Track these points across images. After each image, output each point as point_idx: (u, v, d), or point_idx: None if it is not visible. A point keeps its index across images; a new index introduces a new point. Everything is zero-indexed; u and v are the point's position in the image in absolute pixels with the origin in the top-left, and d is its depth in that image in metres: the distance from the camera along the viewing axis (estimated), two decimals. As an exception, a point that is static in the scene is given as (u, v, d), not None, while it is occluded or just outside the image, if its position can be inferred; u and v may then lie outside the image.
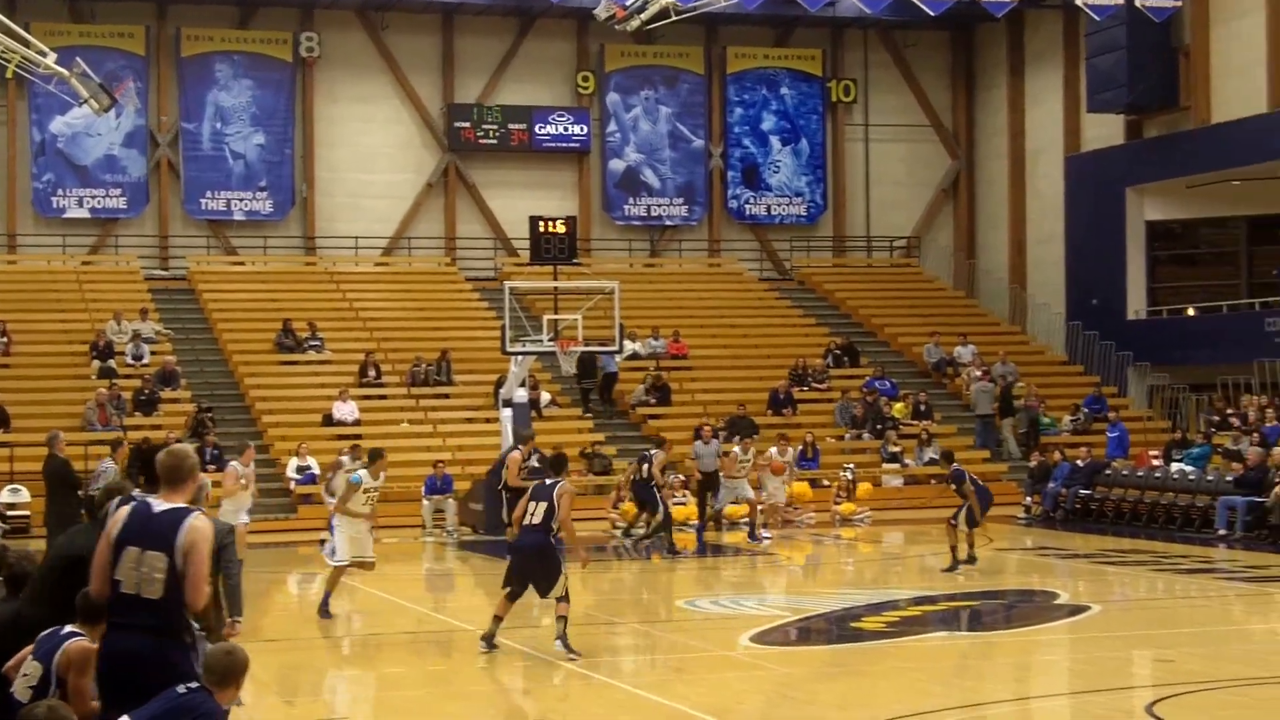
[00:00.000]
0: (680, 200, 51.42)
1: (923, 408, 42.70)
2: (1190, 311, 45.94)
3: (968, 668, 18.04)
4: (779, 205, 52.23)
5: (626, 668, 18.42)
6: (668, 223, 51.42)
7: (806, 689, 16.27)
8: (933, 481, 40.20)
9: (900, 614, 21.78)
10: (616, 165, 50.94)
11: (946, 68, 53.44)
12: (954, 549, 25.99)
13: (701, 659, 18.62)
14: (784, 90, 52.34)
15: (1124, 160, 46.25)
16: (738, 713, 15.28)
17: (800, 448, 39.51)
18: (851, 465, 38.58)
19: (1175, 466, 35.52)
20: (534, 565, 17.95)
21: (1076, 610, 22.21)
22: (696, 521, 34.23)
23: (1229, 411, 37.52)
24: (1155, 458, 36.91)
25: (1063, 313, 48.15)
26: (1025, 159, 50.97)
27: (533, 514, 17.98)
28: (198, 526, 9.38)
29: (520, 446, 29.29)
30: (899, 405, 42.87)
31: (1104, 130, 47.05)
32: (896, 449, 40.84)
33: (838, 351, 45.79)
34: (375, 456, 21.82)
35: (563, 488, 18.03)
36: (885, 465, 40.58)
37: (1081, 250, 47.42)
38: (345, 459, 30.42)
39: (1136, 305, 46.12)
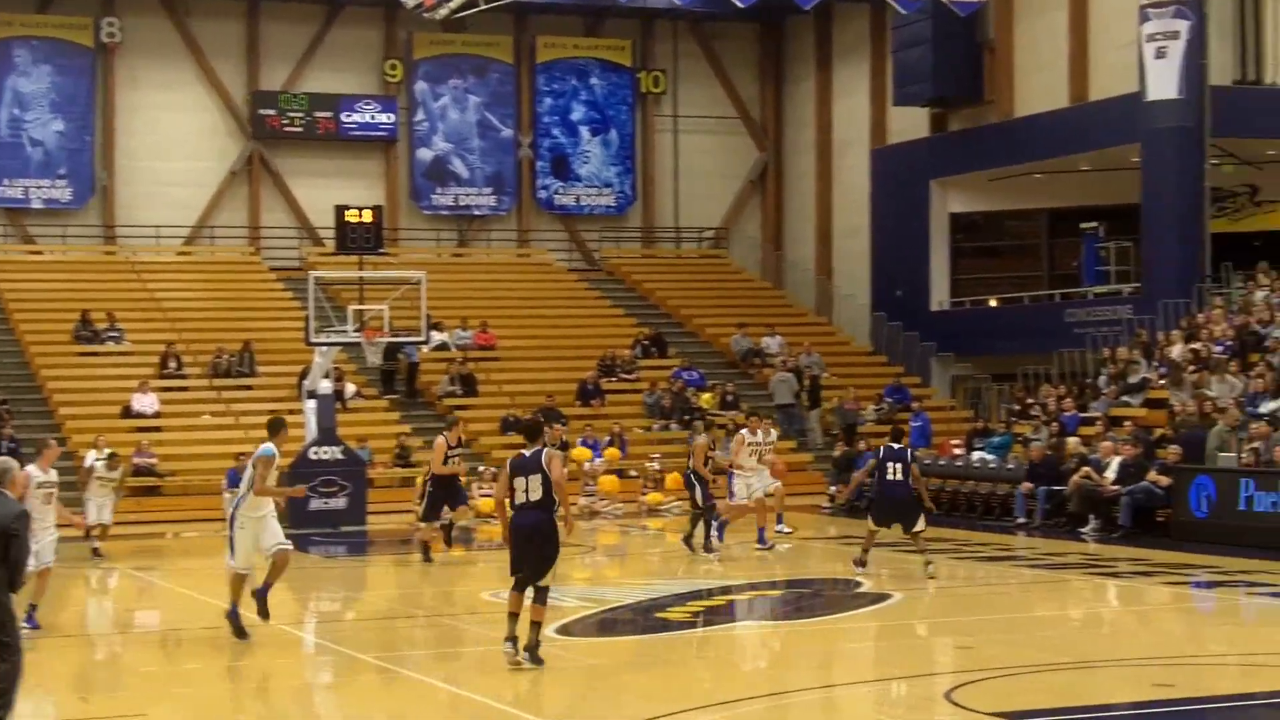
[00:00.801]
0: (489, 190, 51.18)
1: (730, 398, 42.83)
2: (992, 303, 46.56)
3: (773, 656, 18.06)
4: (588, 196, 52.17)
5: (431, 662, 18.21)
6: (476, 212, 51.16)
7: (613, 680, 16.18)
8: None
9: (706, 604, 21.78)
10: (424, 154, 50.59)
11: (755, 60, 53.68)
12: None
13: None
14: (594, 80, 52.28)
15: (928, 153, 46.75)
16: (544, 705, 15.15)
17: (609, 438, 39.52)
18: (658, 455, 38.59)
19: (977, 455, 35.92)
20: (534, 545, 16.42)
21: (879, 598, 22.33)
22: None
23: (1029, 401, 37.99)
24: (957, 447, 37.29)
25: (868, 304, 48.58)
26: (832, 151, 51.35)
27: (528, 490, 16.39)
28: None
29: (447, 432, 27.66)
30: (707, 396, 42.97)
31: (909, 123, 47.49)
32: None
33: (646, 342, 45.83)
34: (277, 427, 19.65)
35: (550, 453, 16.59)
36: (694, 456, 40.55)
37: (886, 242, 47.87)
38: (94, 458, 30.67)
39: (940, 296, 46.64)
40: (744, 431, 28.62)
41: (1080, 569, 25.64)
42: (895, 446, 24.25)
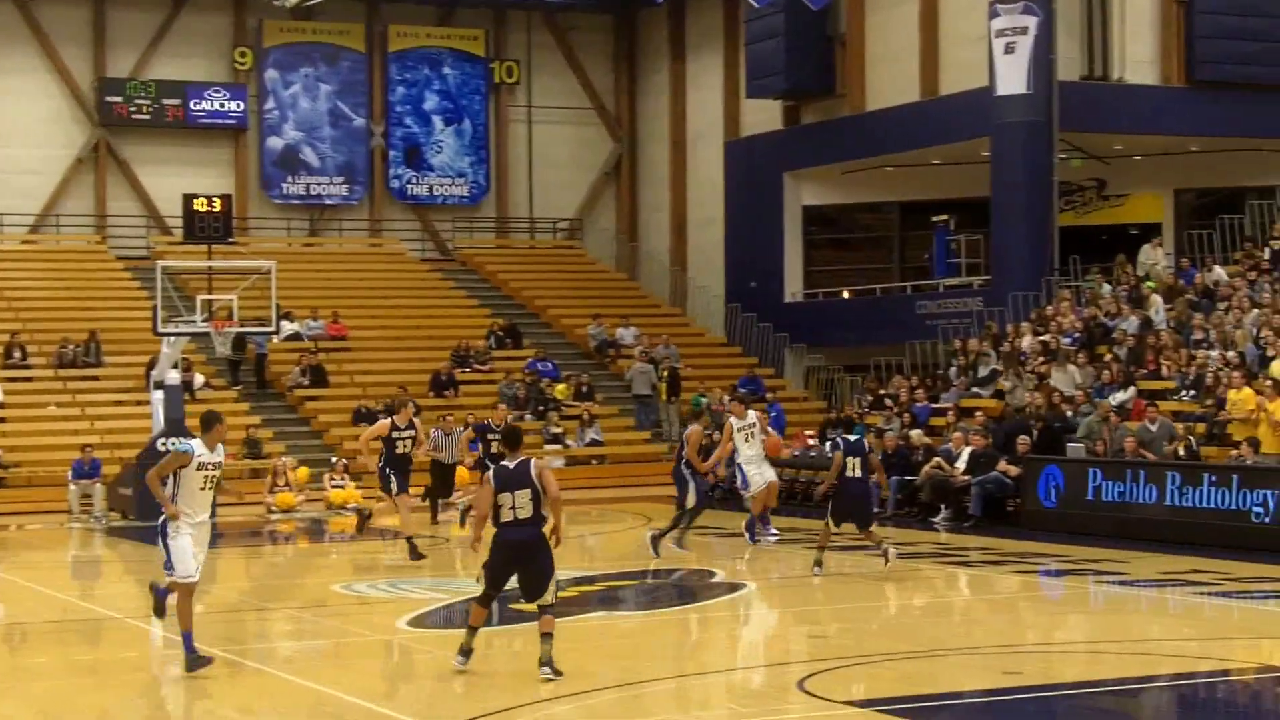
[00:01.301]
0: (340, 179, 50.78)
1: (585, 389, 42.78)
2: (845, 294, 46.84)
3: (627, 647, 18.00)
4: (441, 185, 51.90)
5: (280, 654, 17.99)
6: (327, 202, 50.75)
7: (467, 672, 16.04)
8: (593, 462, 40.38)
9: (562, 595, 21.63)
10: (275, 143, 50.11)
11: (609, 51, 53.64)
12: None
13: (357, 644, 18.30)
14: (447, 70, 52.02)
15: (781, 146, 46.91)
16: (394, 698, 15.00)
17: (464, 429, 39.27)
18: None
19: (830, 446, 36.01)
20: (523, 562, 15.20)
21: (733, 588, 22.35)
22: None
23: (881, 392, 38.22)
24: (811, 437, 37.44)
25: (722, 295, 48.70)
26: (686, 143, 51.43)
27: (516, 506, 15.02)
28: None
29: (395, 416, 25.81)
30: (561, 387, 42.90)
31: (763, 116, 47.64)
32: (558, 430, 40.85)
33: (500, 333, 45.67)
34: (211, 422, 15.96)
35: (540, 464, 15.22)
36: (547, 446, 40.53)
37: (740, 234, 48.00)
38: None
39: (793, 288, 46.84)
40: (731, 420, 26.92)
41: (931, 558, 25.80)
42: (851, 439, 23.64)
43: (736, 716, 14.05)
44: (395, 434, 25.64)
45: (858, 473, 22.71)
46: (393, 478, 25.55)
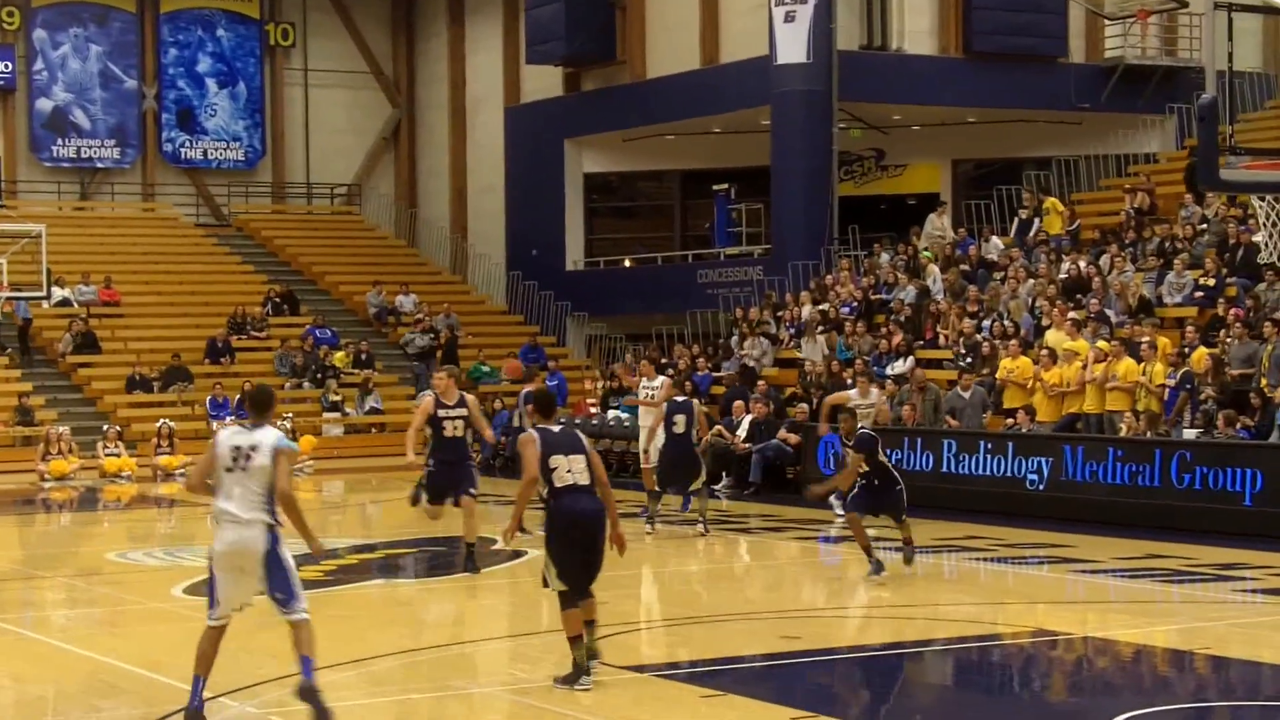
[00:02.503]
0: (112, 142, 49.80)
1: (364, 356, 42.41)
2: (627, 263, 46.88)
3: (406, 615, 17.88)
4: (216, 149, 51.12)
5: (55, 622, 17.64)
6: (99, 165, 49.76)
7: (240, 638, 15.79)
8: (373, 430, 40.10)
9: (339, 563, 21.46)
10: (44, 105, 49.00)
11: (387, 15, 53.15)
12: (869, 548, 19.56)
13: (133, 612, 17.98)
14: (220, 32, 51.20)
15: (562, 112, 46.79)
16: (171, 665, 14.71)
17: (238, 397, 38.85)
18: (290, 415, 38.01)
19: (612, 414, 36.12)
20: (596, 542, 13.33)
21: (516, 555, 22.28)
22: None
23: (664, 361, 38.32)
24: (593, 405, 37.47)
25: (503, 263, 48.52)
26: (466, 109, 51.13)
27: (575, 471, 13.22)
28: None
29: (433, 387, 21.16)
30: (340, 354, 42.48)
31: (543, 82, 47.47)
32: (338, 398, 40.47)
33: (277, 299, 45.09)
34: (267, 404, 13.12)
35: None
36: (326, 414, 40.16)
37: (521, 201, 47.83)
38: None
39: (575, 256, 46.79)
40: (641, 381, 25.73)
41: (713, 525, 25.90)
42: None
43: (519, 683, 13.98)
44: (441, 413, 20.20)
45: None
46: (423, 490, 20.68)
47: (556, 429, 13.48)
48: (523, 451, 13.22)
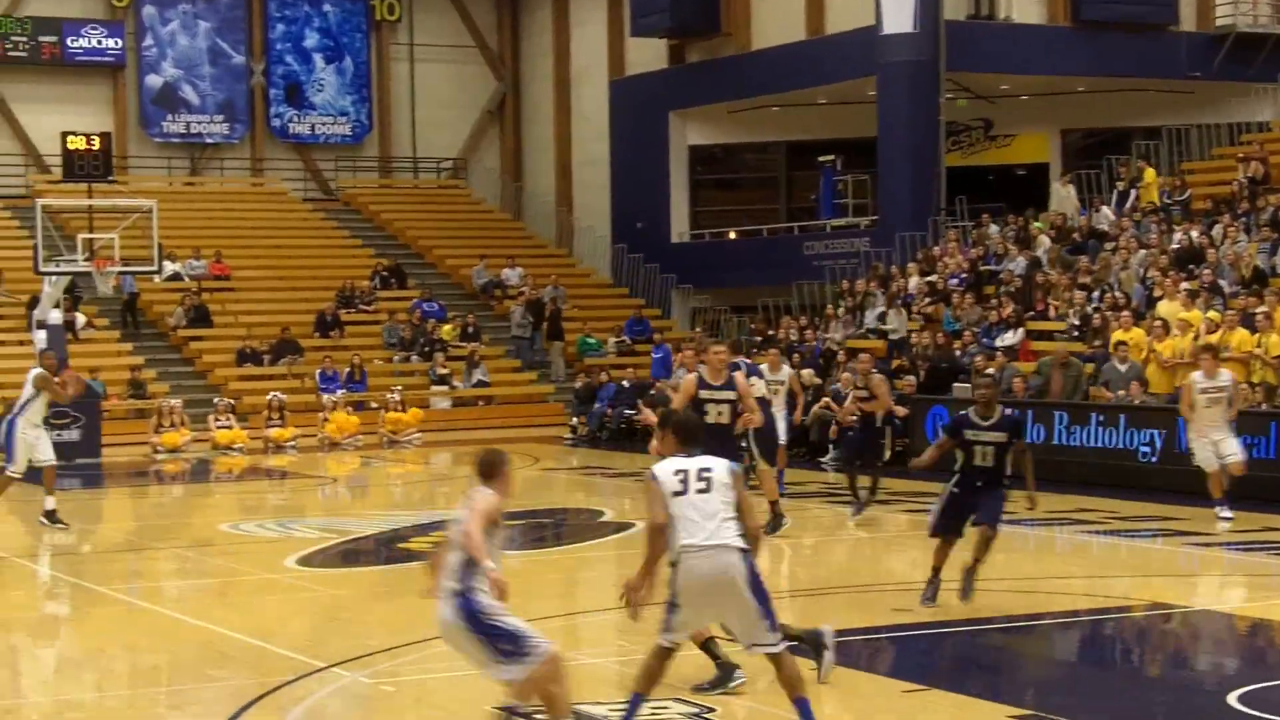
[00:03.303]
0: (221, 118, 50.15)
1: (471, 329, 42.56)
2: (731, 235, 46.79)
3: (517, 586, 17.90)
4: (323, 124, 51.38)
5: (168, 592, 17.81)
6: (208, 141, 50.13)
7: (354, 610, 15.94)
8: (480, 403, 40.24)
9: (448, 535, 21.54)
10: (154, 81, 49.39)
11: (492, -12, 53.23)
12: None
13: (245, 583, 18.13)
14: (327, 7, 51.42)
15: (667, 85, 46.71)
16: (282, 635, 14.85)
17: (349, 370, 39.09)
18: (399, 388, 38.22)
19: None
20: None
21: (621, 527, 22.32)
22: None
23: (769, 333, 38.24)
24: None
25: (608, 235, 48.52)
26: (570, 82, 51.11)
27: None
28: None
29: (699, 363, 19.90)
30: (447, 327, 42.65)
31: (647, 54, 47.40)
32: (445, 371, 40.64)
33: (384, 273, 45.31)
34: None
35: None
36: (434, 388, 40.33)
37: (626, 174, 47.80)
38: None
39: (680, 228, 46.75)
40: (764, 367, 23.29)
41: (820, 497, 25.86)
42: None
43: (628, 654, 13.99)
44: (704, 393, 17.44)
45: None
46: None
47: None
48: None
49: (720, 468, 10.50)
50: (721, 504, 10.39)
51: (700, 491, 10.39)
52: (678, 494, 10.39)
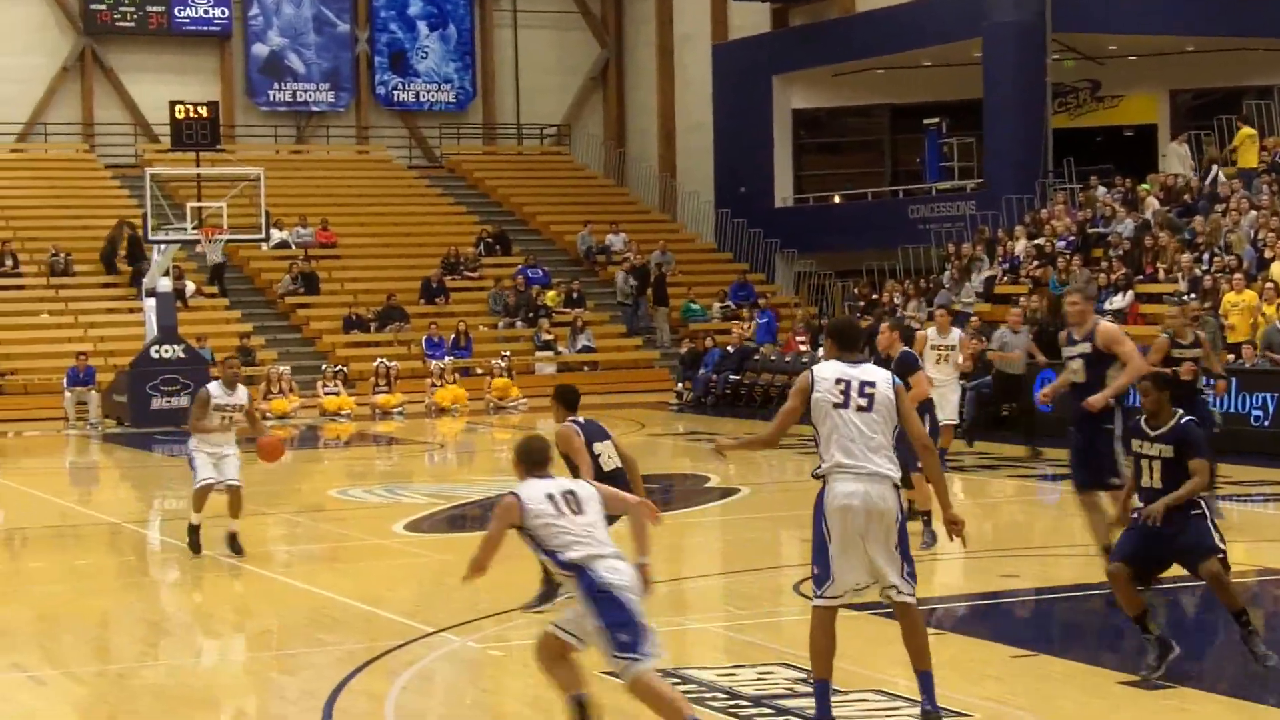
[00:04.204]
0: (326, 86, 50.44)
1: (575, 295, 42.66)
2: (836, 199, 46.60)
3: (623, 549, 17.96)
4: (427, 91, 51.57)
5: (278, 557, 17.97)
6: (314, 109, 50.44)
7: (460, 575, 16.01)
8: (585, 369, 40.32)
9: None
10: (260, 50, 49.73)
11: (595, -47, 53.20)
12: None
13: (354, 548, 18.28)
14: (431, -26, 51.57)
15: (770, 48, 46.53)
16: (390, 600, 14.96)
17: (454, 336, 39.28)
18: (507, 353, 38.37)
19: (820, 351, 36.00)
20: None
21: (727, 493, 22.33)
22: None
23: (873, 296, 38.12)
24: (802, 343, 37.37)
25: (712, 200, 48.45)
26: (673, 46, 51.00)
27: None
28: None
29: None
30: (551, 294, 42.77)
31: (751, 18, 47.27)
32: (550, 337, 40.76)
33: (489, 240, 45.47)
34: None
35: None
36: (539, 353, 40.47)
37: (729, 138, 47.67)
38: None
39: (784, 193, 46.61)
40: (929, 330, 21.73)
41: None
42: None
43: (733, 619, 14.02)
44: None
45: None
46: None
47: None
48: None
49: (884, 381, 9.77)
50: (881, 425, 9.71)
51: (861, 409, 9.69)
52: (837, 406, 9.71)
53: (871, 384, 9.75)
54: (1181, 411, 11.99)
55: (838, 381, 9.74)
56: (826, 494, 9.71)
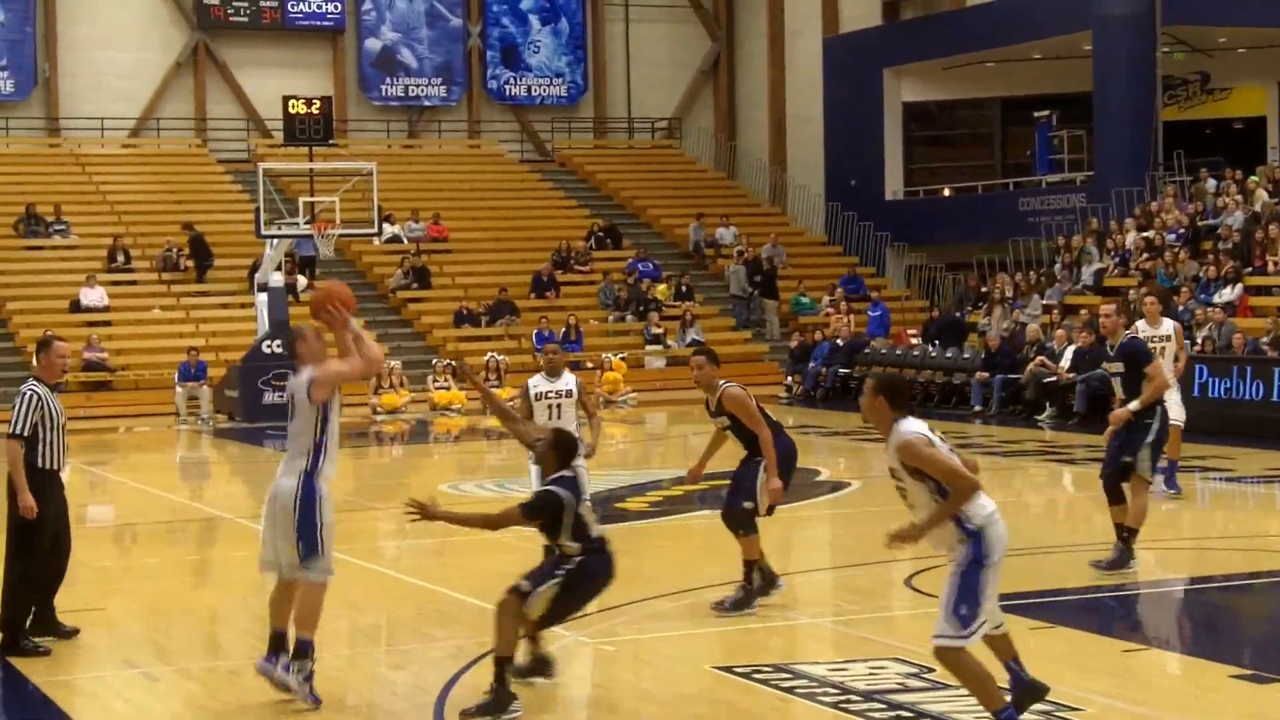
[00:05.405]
0: (439, 80, 50.71)
1: (685, 289, 42.72)
2: (946, 192, 46.46)
3: (731, 544, 18.00)
4: (539, 86, 51.77)
5: (387, 552, 18.14)
6: (426, 103, 50.74)
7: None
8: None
9: (663, 494, 21.74)
10: (373, 44, 50.07)
11: (706, -53, 53.21)
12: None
13: (462, 543, 18.36)
14: (543, -31, 51.74)
15: (881, 41, 46.47)
16: (498, 595, 15.08)
17: (564, 330, 39.42)
18: (615, 354, 38.45)
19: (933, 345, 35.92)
20: None
21: (837, 486, 22.33)
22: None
23: (984, 290, 37.98)
24: (914, 336, 37.28)
25: (822, 193, 48.40)
26: (784, 40, 50.97)
27: None
28: None
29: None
30: (661, 287, 42.85)
31: (862, 10, 47.22)
32: (659, 331, 40.85)
33: (600, 233, 45.62)
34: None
35: None
36: (648, 347, 40.57)
37: (840, 131, 47.63)
38: None
39: (894, 186, 46.51)
40: (1139, 323, 19.22)
41: (1036, 455, 25.69)
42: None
43: (845, 613, 14.05)
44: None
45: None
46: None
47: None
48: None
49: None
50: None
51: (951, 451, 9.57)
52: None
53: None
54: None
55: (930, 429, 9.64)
56: (990, 539, 9.47)
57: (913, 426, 9.58)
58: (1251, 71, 43.01)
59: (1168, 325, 19.32)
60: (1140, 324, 19.15)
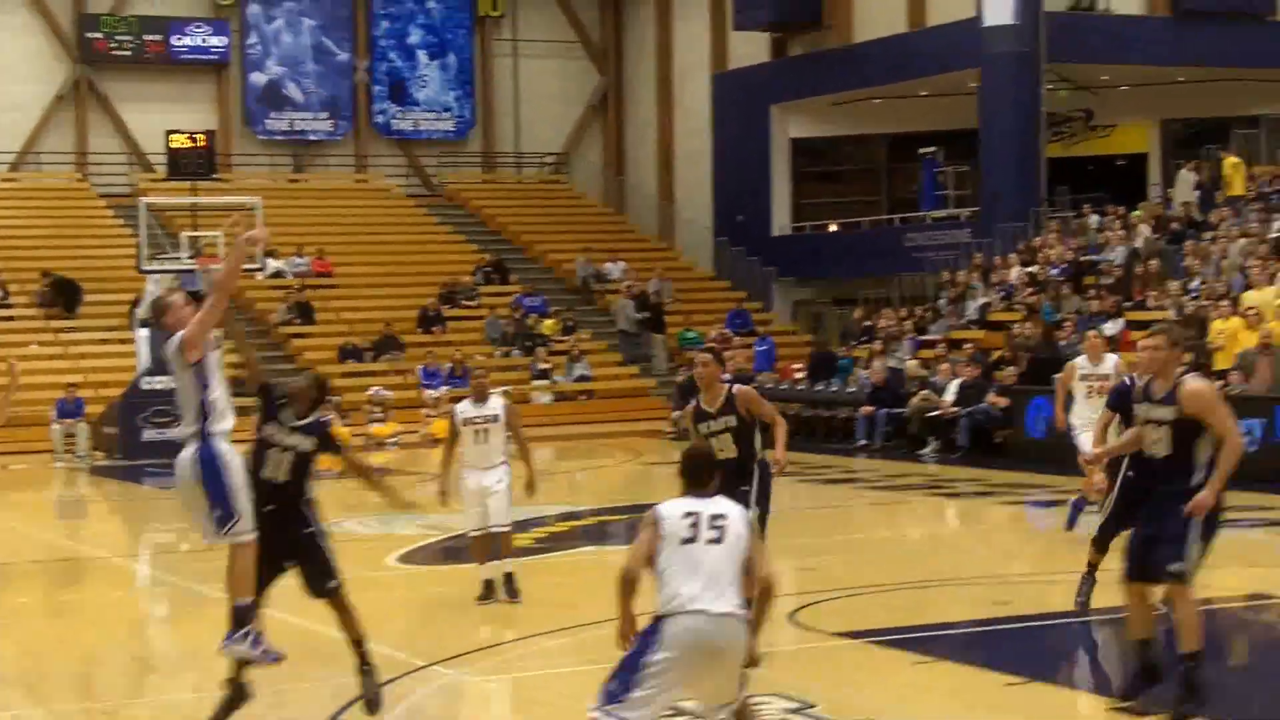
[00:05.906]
0: (325, 115, 50.49)
1: (571, 324, 42.65)
2: (833, 227, 46.68)
3: (612, 580, 17.93)
4: (427, 120, 51.62)
5: (268, 591, 17.86)
6: (312, 138, 50.48)
7: (455, 607, 15.99)
8: (581, 398, 40.28)
9: (548, 530, 21.61)
10: (258, 78, 49.78)
11: (594, -17, 53.28)
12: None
13: (346, 581, 18.19)
14: (431, 4, 51.68)
15: (769, 78, 46.67)
16: (384, 633, 14.88)
17: (450, 366, 39.21)
18: (507, 387, 38.25)
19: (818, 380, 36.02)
20: None
21: (723, 521, 22.23)
22: None
23: (868, 324, 38.15)
24: (799, 371, 37.36)
25: (710, 228, 48.51)
26: (673, 76, 51.13)
27: None
28: None
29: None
30: (549, 322, 42.76)
31: (750, 48, 47.40)
32: (546, 366, 40.74)
33: (487, 269, 45.47)
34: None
35: None
36: (535, 382, 40.44)
37: (728, 167, 47.79)
38: None
39: (781, 221, 46.69)
40: (1079, 359, 19.34)
41: (920, 490, 25.76)
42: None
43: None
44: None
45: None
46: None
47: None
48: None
49: (736, 515, 8.89)
50: (730, 561, 8.78)
51: (711, 542, 8.80)
52: (686, 541, 8.86)
53: (723, 517, 8.89)
54: None
55: (686, 514, 8.92)
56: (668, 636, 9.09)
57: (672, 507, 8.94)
58: (1134, 109, 43.52)
59: (1110, 362, 18.66)
60: (1080, 360, 18.84)
